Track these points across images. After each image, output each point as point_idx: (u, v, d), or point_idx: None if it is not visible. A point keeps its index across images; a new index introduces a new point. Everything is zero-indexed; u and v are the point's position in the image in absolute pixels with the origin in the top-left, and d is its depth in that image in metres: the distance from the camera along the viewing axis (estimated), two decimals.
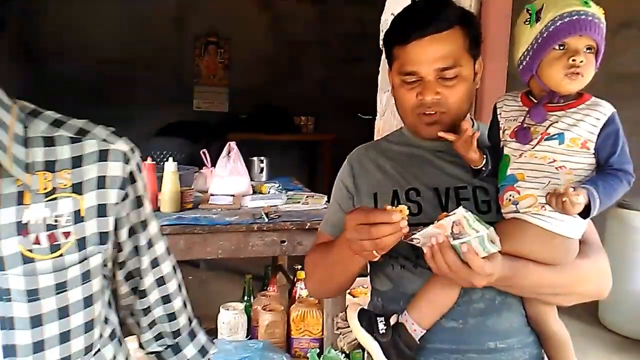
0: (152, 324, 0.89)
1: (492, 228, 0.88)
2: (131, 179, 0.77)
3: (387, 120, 1.87)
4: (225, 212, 2.14)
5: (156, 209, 2.09)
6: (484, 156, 1.03)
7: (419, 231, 0.92)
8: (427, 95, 1.04)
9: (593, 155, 0.92)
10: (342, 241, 0.99)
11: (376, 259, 0.96)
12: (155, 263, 0.86)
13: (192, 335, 0.93)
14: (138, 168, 0.79)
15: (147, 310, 0.88)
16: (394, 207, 0.89)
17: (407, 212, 0.88)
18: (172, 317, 0.90)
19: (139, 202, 0.81)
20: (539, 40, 0.92)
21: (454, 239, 0.88)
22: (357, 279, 1.13)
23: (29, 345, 0.70)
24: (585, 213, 0.87)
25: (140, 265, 0.84)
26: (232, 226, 1.99)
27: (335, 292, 1.25)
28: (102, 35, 4.57)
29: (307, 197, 2.43)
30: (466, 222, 0.86)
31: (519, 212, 0.96)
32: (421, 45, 1.03)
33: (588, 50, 0.91)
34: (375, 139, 1.71)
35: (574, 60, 0.89)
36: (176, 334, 0.91)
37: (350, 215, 0.93)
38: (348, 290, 2.17)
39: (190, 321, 0.94)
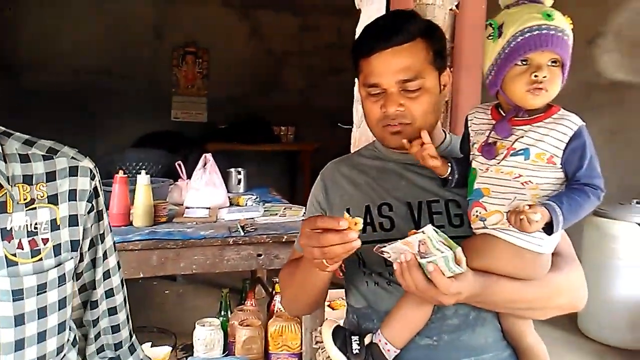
0: (97, 336, 0.93)
1: (459, 248, 0.86)
2: (95, 193, 0.86)
3: (363, 132, 1.85)
4: (200, 225, 2.10)
5: (128, 223, 2.04)
6: (449, 164, 1.02)
7: (390, 244, 0.90)
8: (389, 107, 1.04)
9: (561, 170, 0.91)
10: None
11: (328, 270, 0.95)
12: (107, 275, 0.92)
13: (133, 349, 0.97)
14: (100, 184, 0.88)
15: (95, 322, 0.92)
16: (351, 217, 0.88)
17: (362, 225, 0.88)
18: (115, 329, 0.94)
19: (100, 216, 0.88)
20: (502, 56, 0.91)
21: (421, 257, 0.87)
22: (337, 290, 1.11)
23: (11, 343, 0.75)
24: (550, 229, 0.86)
25: (94, 276, 0.90)
26: (207, 240, 1.95)
27: (307, 309, 1.23)
28: (78, 44, 4.51)
29: (285, 208, 2.40)
30: (430, 242, 0.85)
31: (487, 227, 0.94)
32: (383, 58, 1.03)
33: (553, 64, 0.90)
34: (352, 149, 1.70)
35: (536, 76, 0.88)
36: (118, 346, 0.95)
37: (305, 221, 0.94)
38: (327, 303, 2.14)
39: (131, 335, 0.98)
